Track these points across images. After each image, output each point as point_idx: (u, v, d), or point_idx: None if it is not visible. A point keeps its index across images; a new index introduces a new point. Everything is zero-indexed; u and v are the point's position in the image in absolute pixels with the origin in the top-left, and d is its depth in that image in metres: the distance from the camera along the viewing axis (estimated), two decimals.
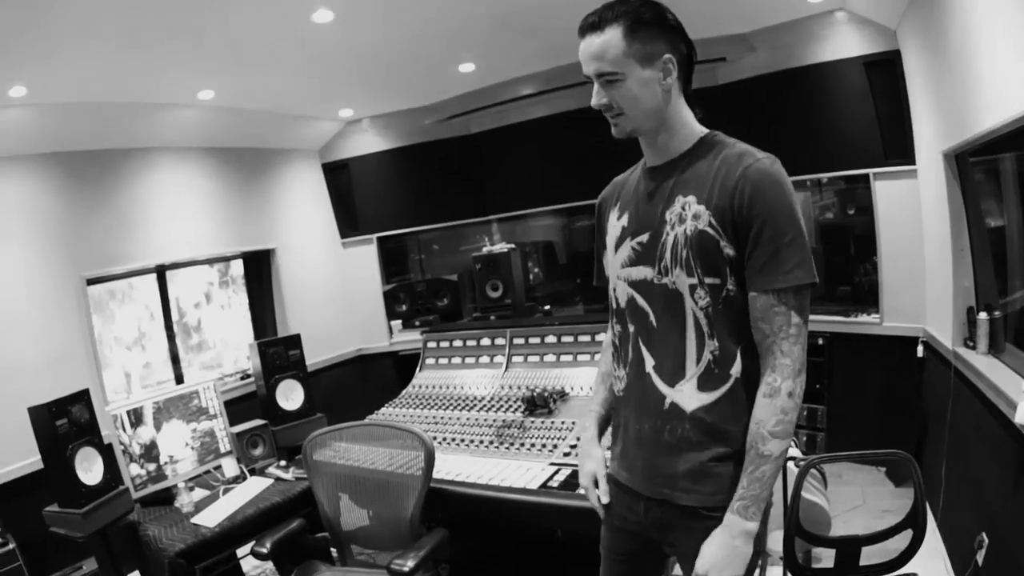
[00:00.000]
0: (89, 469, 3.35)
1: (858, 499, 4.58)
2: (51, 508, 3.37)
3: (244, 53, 4.28)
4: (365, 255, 6.99)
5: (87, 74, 4.09)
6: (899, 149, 4.62)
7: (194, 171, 5.80)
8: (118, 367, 5.38)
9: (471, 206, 7.00)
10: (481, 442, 3.66)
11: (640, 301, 1.89)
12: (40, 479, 3.52)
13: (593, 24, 1.74)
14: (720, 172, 1.74)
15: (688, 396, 1.80)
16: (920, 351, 4.57)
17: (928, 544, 2.65)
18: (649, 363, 1.88)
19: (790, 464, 3.06)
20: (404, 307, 6.62)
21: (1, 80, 3.86)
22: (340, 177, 6.92)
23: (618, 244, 1.96)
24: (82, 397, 3.43)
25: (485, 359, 4.63)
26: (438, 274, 7.01)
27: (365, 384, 6.92)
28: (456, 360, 4.76)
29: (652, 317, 1.86)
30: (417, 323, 6.48)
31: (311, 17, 3.84)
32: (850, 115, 4.86)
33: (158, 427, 3.72)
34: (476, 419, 3.96)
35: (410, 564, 2.75)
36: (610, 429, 2.14)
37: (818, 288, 4.80)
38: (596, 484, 2.15)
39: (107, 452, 3.49)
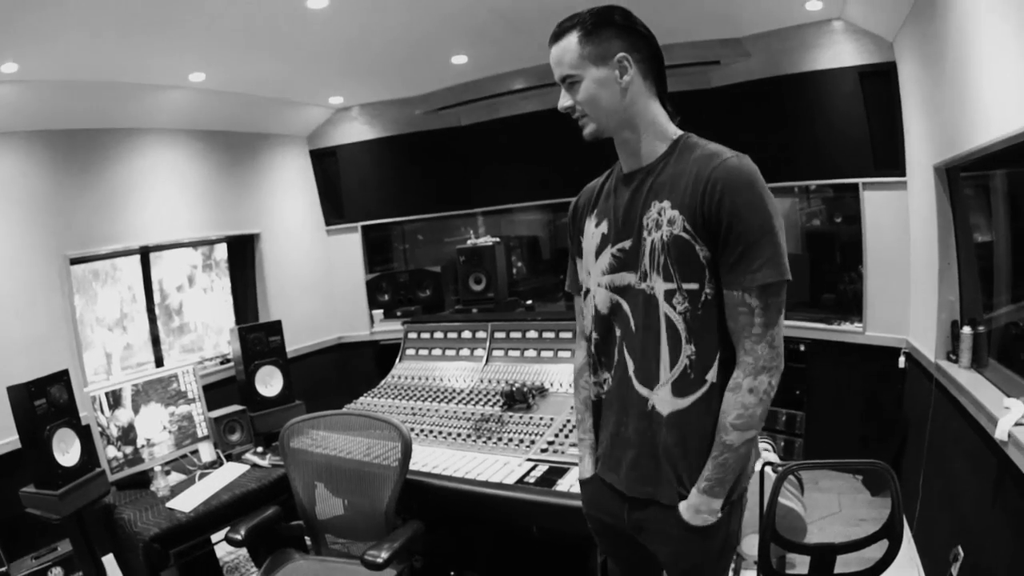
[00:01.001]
0: (66, 451, 3.33)
1: (834, 506, 4.61)
2: (27, 489, 3.35)
3: (237, 36, 4.25)
4: (349, 243, 6.98)
5: (79, 53, 4.05)
6: (889, 160, 4.64)
7: (182, 153, 5.77)
8: (99, 348, 5.36)
9: (457, 198, 7.00)
10: (459, 435, 3.67)
11: (625, 306, 1.93)
12: (17, 459, 3.51)
13: (556, 34, 1.88)
14: (691, 174, 1.78)
15: (663, 400, 1.86)
16: (902, 362, 4.61)
17: (903, 555, 2.66)
18: (631, 367, 1.93)
19: (767, 469, 3.08)
20: (386, 297, 6.63)
21: None
22: (327, 164, 6.90)
23: (598, 252, 2.00)
24: (61, 378, 3.40)
25: (466, 352, 4.64)
26: (422, 265, 7.02)
27: (345, 372, 6.91)
28: (436, 352, 4.77)
29: (632, 322, 1.91)
30: (399, 313, 6.48)
31: (306, 2, 3.83)
32: (842, 124, 4.88)
33: (136, 410, 3.70)
34: (455, 412, 3.97)
35: (384, 555, 2.76)
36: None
37: (801, 294, 4.86)
38: None
39: (85, 434, 3.47)
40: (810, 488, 4.50)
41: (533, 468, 3.15)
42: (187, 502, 3.35)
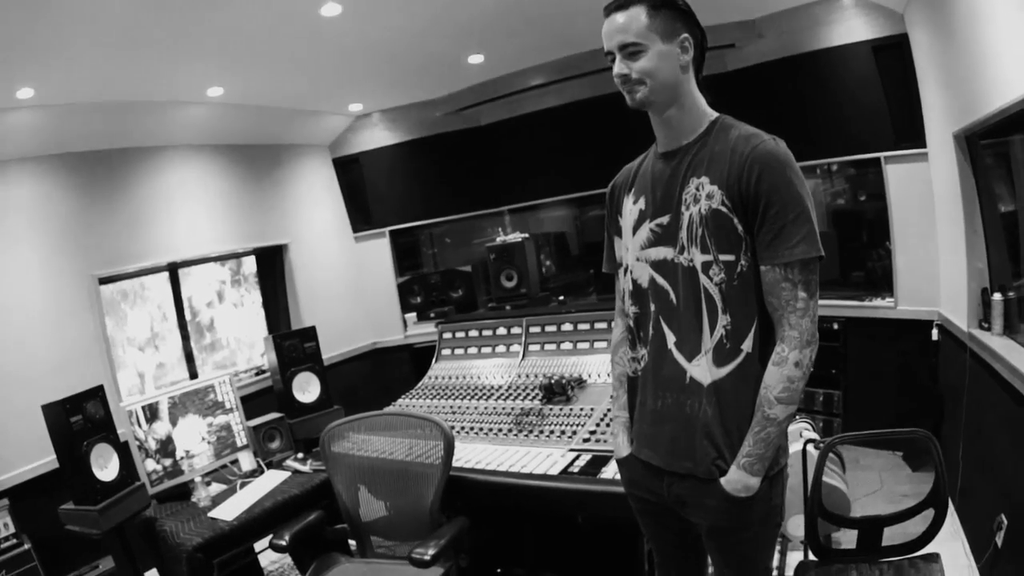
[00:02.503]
0: (104, 466, 3.33)
1: (876, 483, 4.55)
2: (66, 506, 3.35)
3: (252, 49, 4.26)
4: (378, 249, 6.98)
5: (93, 74, 4.07)
6: (909, 133, 4.59)
7: (205, 168, 5.79)
8: (132, 368, 5.36)
9: (483, 198, 6.97)
10: (500, 430, 3.63)
11: (660, 280, 1.99)
12: (54, 479, 3.52)
13: (619, 4, 1.90)
14: (730, 152, 1.85)
15: (704, 370, 1.90)
16: (935, 334, 4.55)
17: (946, 527, 2.62)
18: (671, 339, 1.97)
19: (809, 447, 3.02)
20: (419, 299, 6.60)
21: (8, 82, 3.85)
22: (351, 171, 6.89)
23: (636, 227, 2.06)
24: (96, 393, 3.41)
25: (501, 348, 4.59)
26: (453, 267, 6.99)
27: (381, 377, 6.90)
28: (472, 350, 4.73)
29: (672, 295, 1.96)
30: (432, 315, 6.45)
31: (319, 11, 3.83)
32: (860, 100, 4.82)
33: (174, 422, 3.70)
34: (494, 408, 3.93)
35: (431, 552, 2.73)
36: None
37: (831, 273, 4.79)
38: None
39: (123, 448, 3.47)
40: (851, 467, 4.45)
41: (576, 458, 3.12)
42: (229, 511, 3.34)
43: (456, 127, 6.70)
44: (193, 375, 5.75)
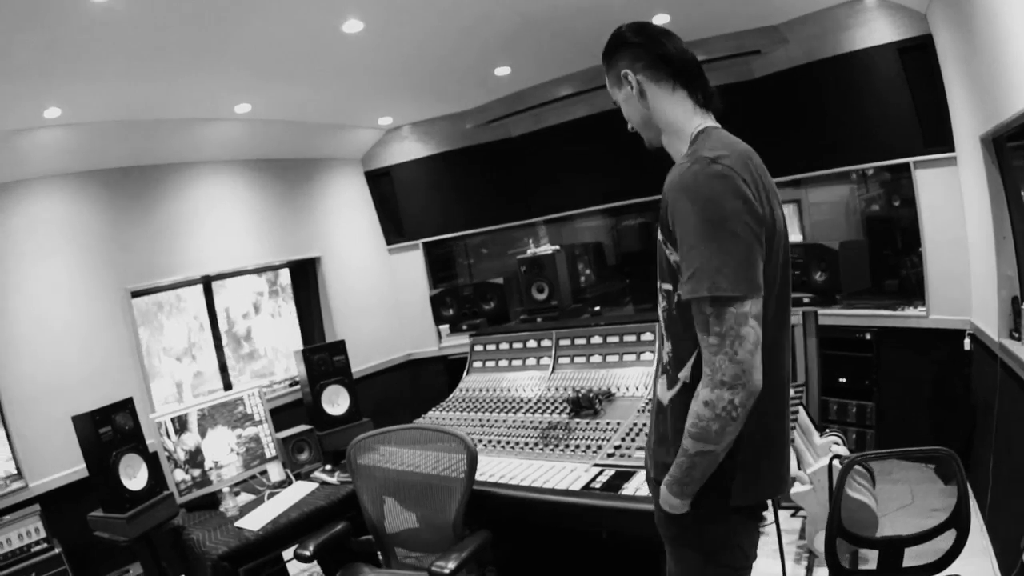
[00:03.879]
0: (133, 475, 3.40)
1: (907, 497, 4.47)
2: (95, 513, 3.42)
3: (277, 66, 4.32)
4: (412, 261, 7.04)
5: (120, 94, 4.18)
6: (938, 136, 4.51)
7: (236, 183, 5.90)
8: (168, 378, 5.45)
9: (516, 209, 6.98)
10: (526, 444, 3.61)
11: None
12: (85, 486, 3.61)
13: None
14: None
15: (662, 390, 1.95)
16: (967, 344, 4.46)
17: (976, 543, 2.56)
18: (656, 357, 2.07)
19: (835, 463, 2.98)
20: (451, 311, 6.60)
21: (35, 102, 3.96)
22: (383, 184, 6.96)
23: None
24: (126, 405, 3.48)
25: (532, 361, 4.57)
26: (488, 278, 6.99)
27: (416, 388, 6.94)
28: (503, 363, 4.72)
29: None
30: (464, 327, 6.46)
31: (341, 28, 3.87)
32: (887, 103, 4.75)
33: (203, 433, 3.75)
34: (522, 421, 3.91)
35: (451, 566, 2.73)
36: None
37: (863, 282, 4.72)
38: None
39: (152, 458, 3.53)
40: (883, 480, 4.37)
41: (599, 473, 3.09)
42: (255, 521, 3.38)
43: (486, 139, 6.72)
44: (227, 386, 5.82)
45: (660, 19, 4.43)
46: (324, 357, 4.53)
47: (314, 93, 5.06)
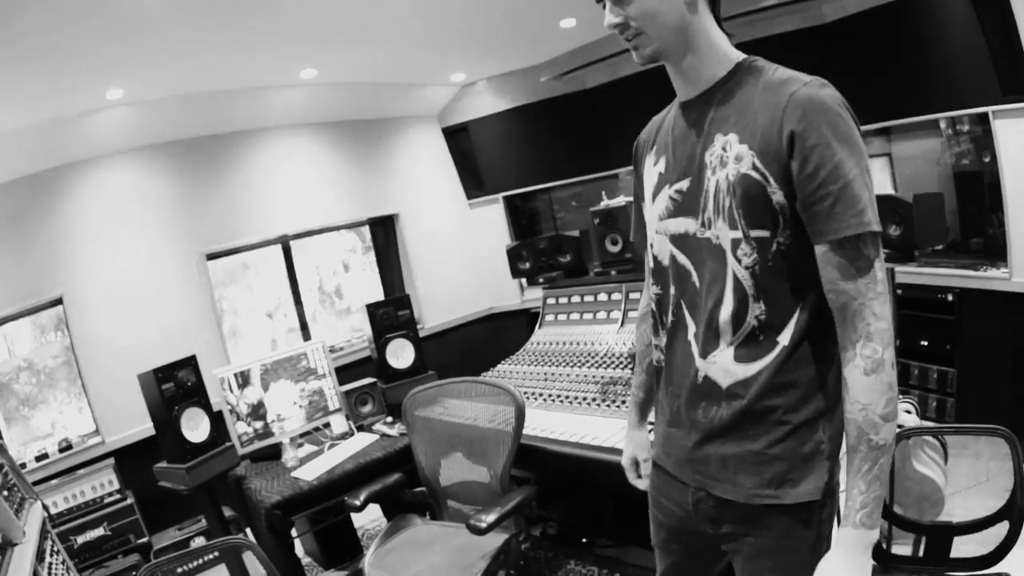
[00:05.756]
0: (195, 428, 3.61)
1: (982, 475, 4.16)
2: (160, 464, 3.66)
3: (337, 30, 4.34)
4: (492, 215, 7.06)
5: (181, 70, 4.32)
6: (1017, 84, 4.15)
7: (309, 145, 6.04)
8: (260, 335, 5.66)
9: (595, 161, 6.87)
10: (584, 399, 3.62)
11: (682, 259, 1.66)
12: (156, 441, 3.79)
13: None
14: (762, 103, 1.48)
15: (722, 370, 1.58)
16: None
17: None
18: (691, 329, 1.66)
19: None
20: (527, 264, 6.61)
21: (97, 84, 4.14)
22: (461, 140, 6.97)
23: (655, 193, 1.73)
24: (189, 363, 3.69)
25: (603, 315, 4.55)
26: (573, 231, 6.97)
27: (498, 342, 6.96)
28: (575, 316, 4.72)
29: (695, 276, 1.63)
30: (541, 280, 6.47)
31: None
32: (960, 49, 4.42)
33: (265, 388, 3.92)
34: (584, 376, 3.92)
35: (489, 519, 2.74)
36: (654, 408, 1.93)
37: (944, 238, 4.47)
38: (638, 469, 2.11)
39: (216, 412, 3.75)
40: (958, 454, 4.05)
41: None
42: (311, 471, 3.53)
43: (561, 92, 6.62)
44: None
45: None
46: (389, 311, 4.65)
47: (378, 54, 5.07)
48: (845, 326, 1.44)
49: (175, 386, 3.56)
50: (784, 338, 1.51)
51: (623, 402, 3.45)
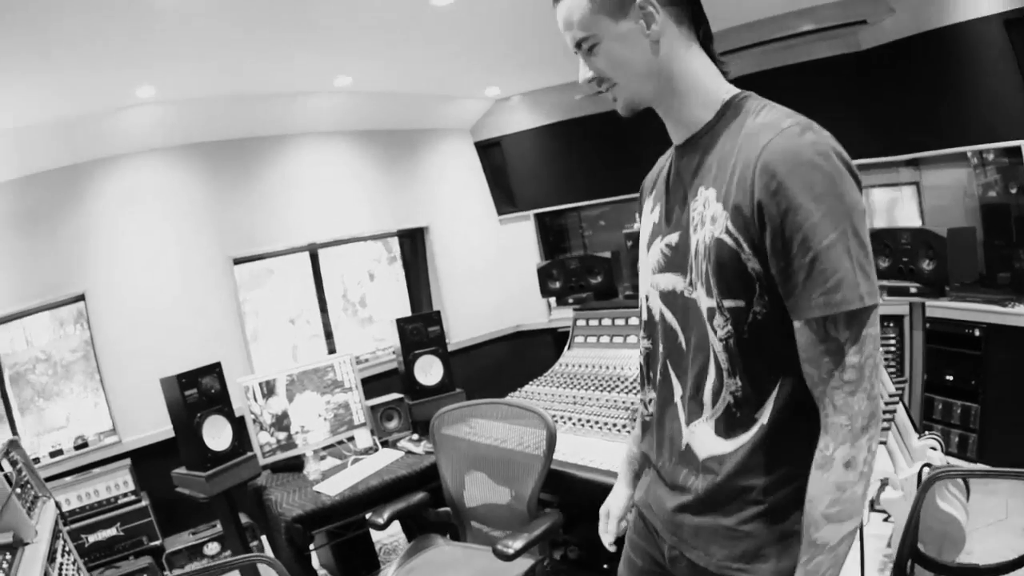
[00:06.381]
0: (217, 436, 3.54)
1: (1000, 512, 4.05)
2: (179, 470, 3.61)
3: (374, 39, 4.31)
4: (522, 231, 7.00)
5: (214, 70, 4.28)
6: None
7: (340, 153, 5.99)
8: (281, 340, 5.62)
9: (628, 181, 6.74)
10: (614, 425, 3.53)
11: (670, 317, 1.54)
12: (175, 444, 3.74)
13: None
14: (740, 155, 1.34)
15: (701, 440, 1.48)
16: None
17: None
18: (678, 392, 1.55)
19: (925, 471, 2.76)
20: (557, 284, 6.55)
21: (128, 81, 4.10)
22: (494, 155, 6.91)
23: (649, 243, 1.62)
24: (213, 369, 3.63)
25: (633, 339, 4.44)
26: (602, 251, 6.90)
27: (523, 360, 6.89)
28: (604, 339, 4.63)
29: (682, 339, 1.52)
30: (570, 300, 6.40)
31: (429, 0, 3.82)
32: (994, 80, 4.34)
33: (290, 398, 3.87)
34: (615, 401, 3.82)
35: (516, 546, 2.67)
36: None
37: (973, 272, 4.38)
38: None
39: (238, 421, 3.68)
40: (975, 490, 3.96)
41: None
42: (334, 486, 3.46)
43: (596, 111, 6.53)
44: (332, 351, 5.97)
45: None
46: (419, 327, 4.58)
47: (414, 65, 5.04)
48: (820, 410, 1.33)
49: (198, 392, 3.51)
50: (763, 416, 1.39)
51: None
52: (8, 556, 2.34)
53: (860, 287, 1.23)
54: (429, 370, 4.53)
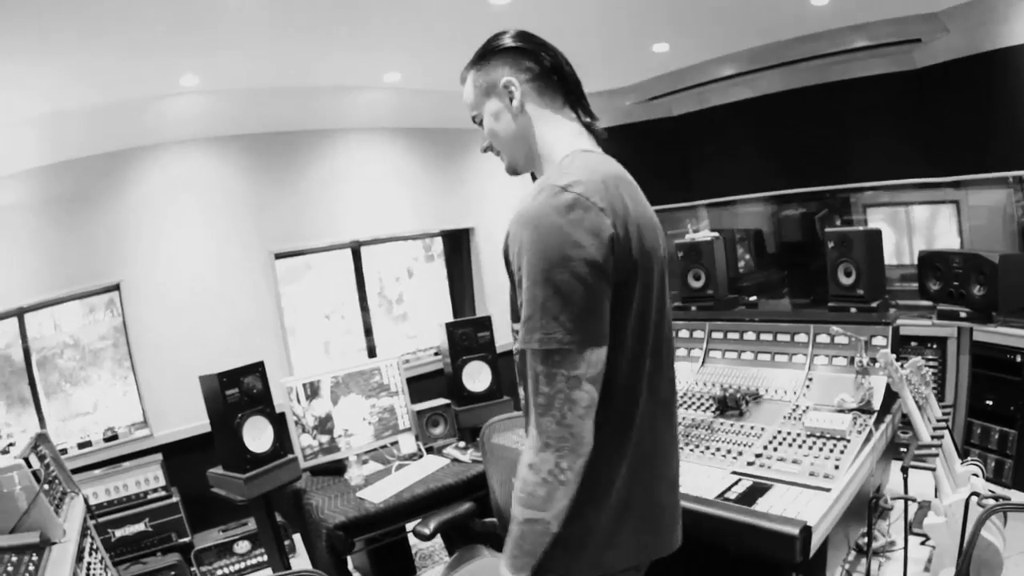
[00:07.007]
0: (258, 437, 3.43)
1: None
2: (215, 470, 3.50)
3: (425, 37, 4.27)
4: None
5: (259, 61, 4.23)
6: None
7: (386, 150, 5.92)
8: (316, 335, 5.55)
9: (676, 190, 6.73)
10: None
11: None
12: (208, 440, 3.66)
13: (462, 75, 1.81)
14: None
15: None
16: None
17: None
18: None
19: (973, 499, 2.66)
20: None
21: (171, 69, 4.04)
22: None
23: None
24: (256, 369, 3.52)
25: (682, 352, 4.34)
26: None
27: None
28: None
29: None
30: None
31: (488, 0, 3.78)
32: None
33: (335, 401, 3.78)
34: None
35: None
36: None
37: (1019, 299, 4.26)
38: None
39: (280, 422, 3.57)
40: (1014, 517, 3.86)
41: (736, 483, 2.88)
42: (378, 493, 3.36)
43: (646, 117, 6.51)
44: (371, 351, 5.94)
45: (818, 1, 4.23)
46: (468, 332, 4.48)
47: (465, 64, 4.95)
48: None
49: (240, 392, 3.40)
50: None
51: (707, 447, 3.28)
52: (35, 557, 2.23)
53: (544, 332, 1.45)
54: (477, 376, 4.42)
